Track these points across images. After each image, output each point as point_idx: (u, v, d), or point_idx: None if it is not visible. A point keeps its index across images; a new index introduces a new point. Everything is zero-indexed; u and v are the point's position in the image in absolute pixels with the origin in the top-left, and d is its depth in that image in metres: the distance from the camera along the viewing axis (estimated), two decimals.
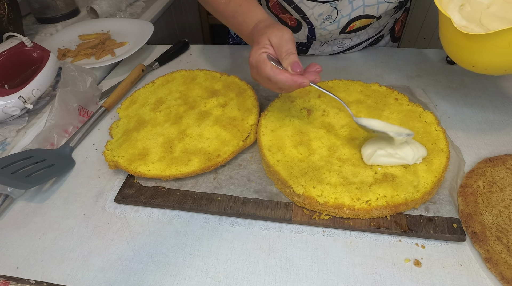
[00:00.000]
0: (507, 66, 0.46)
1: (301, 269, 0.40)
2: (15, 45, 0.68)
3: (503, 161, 0.49)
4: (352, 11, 0.62)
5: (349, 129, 0.52)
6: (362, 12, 0.63)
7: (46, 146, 0.58)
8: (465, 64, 0.49)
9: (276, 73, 0.44)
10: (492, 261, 0.38)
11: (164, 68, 0.81)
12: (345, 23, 0.65)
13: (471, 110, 0.61)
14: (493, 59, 0.45)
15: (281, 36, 0.46)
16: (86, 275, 0.41)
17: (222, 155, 0.51)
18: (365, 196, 0.43)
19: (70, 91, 0.62)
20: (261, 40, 0.47)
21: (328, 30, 0.67)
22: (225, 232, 0.45)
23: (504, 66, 0.46)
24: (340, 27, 0.66)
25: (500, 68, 0.47)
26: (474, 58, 0.47)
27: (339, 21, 0.65)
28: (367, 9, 0.62)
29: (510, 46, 0.42)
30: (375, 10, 0.62)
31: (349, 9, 0.62)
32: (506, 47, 0.42)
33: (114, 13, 1.07)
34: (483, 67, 0.47)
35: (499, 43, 0.42)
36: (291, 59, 0.45)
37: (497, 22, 0.47)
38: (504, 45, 0.42)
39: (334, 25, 0.66)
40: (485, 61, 0.46)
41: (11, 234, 0.47)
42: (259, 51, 0.46)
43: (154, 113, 0.60)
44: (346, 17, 0.64)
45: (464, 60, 0.49)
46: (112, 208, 0.49)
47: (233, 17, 0.55)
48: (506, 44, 0.42)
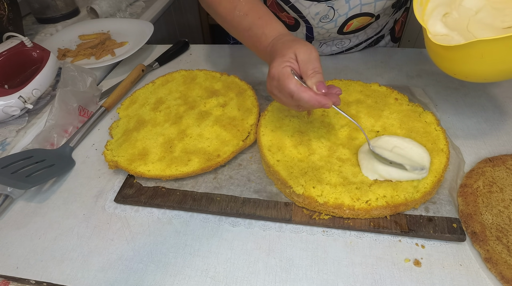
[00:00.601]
0: (486, 75, 0.46)
1: (301, 269, 0.40)
2: (15, 45, 0.68)
3: (503, 161, 0.49)
4: (349, 10, 0.63)
5: (349, 129, 0.52)
6: (359, 10, 0.63)
7: (46, 146, 0.58)
8: (447, 72, 0.49)
9: (300, 91, 0.42)
10: (492, 261, 0.38)
11: (164, 68, 0.81)
12: (343, 22, 0.65)
13: (471, 110, 0.61)
14: (469, 69, 0.45)
15: (309, 53, 0.44)
16: (86, 275, 0.41)
17: (222, 155, 0.51)
18: (365, 196, 0.43)
19: (70, 91, 0.62)
20: (286, 53, 0.45)
21: (326, 29, 0.67)
22: (225, 232, 0.45)
23: (482, 75, 0.46)
24: (338, 25, 0.66)
25: (479, 77, 0.47)
26: (453, 67, 0.47)
27: (336, 20, 0.65)
28: (364, 7, 0.62)
29: (483, 57, 0.42)
30: (372, 7, 0.62)
31: (346, 8, 0.62)
32: (479, 58, 0.42)
33: (114, 13, 1.07)
34: (464, 75, 0.47)
35: (472, 54, 0.42)
36: (317, 78, 0.43)
37: (484, 30, 0.46)
38: (478, 55, 0.42)
39: (331, 24, 0.66)
40: (463, 70, 0.46)
41: (11, 234, 0.47)
42: (284, 64, 0.44)
43: (154, 113, 0.60)
44: (343, 16, 0.64)
45: (445, 68, 0.49)
46: (112, 208, 0.49)
47: (250, 30, 0.52)
48: (479, 55, 0.42)
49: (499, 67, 0.43)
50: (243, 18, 0.53)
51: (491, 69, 0.44)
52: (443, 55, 0.46)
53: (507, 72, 0.44)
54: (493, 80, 0.48)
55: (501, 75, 0.45)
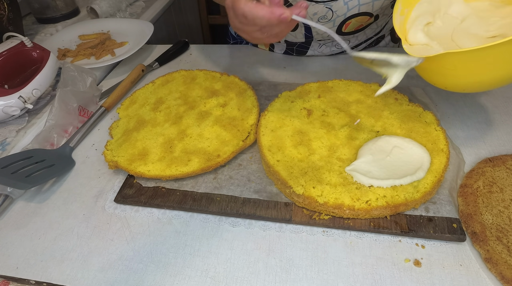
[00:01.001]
0: (463, 86, 0.45)
1: (301, 269, 0.40)
2: (15, 45, 0.68)
3: (503, 161, 0.49)
4: (347, 11, 0.63)
5: (349, 129, 0.52)
6: (357, 10, 0.63)
7: (46, 146, 0.58)
8: (428, 81, 0.49)
9: (251, 8, 0.39)
10: (492, 261, 0.38)
11: (164, 68, 0.81)
12: (340, 22, 0.65)
13: (471, 110, 0.61)
14: (445, 80, 0.45)
15: None
16: (86, 275, 0.41)
17: (222, 155, 0.51)
18: (365, 196, 0.43)
19: (70, 91, 0.62)
20: None
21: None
22: (225, 232, 0.45)
23: (461, 86, 0.45)
24: (336, 25, 0.66)
25: (456, 87, 0.46)
26: (430, 77, 0.47)
27: (334, 20, 0.65)
28: (362, 7, 0.62)
29: (456, 68, 0.41)
30: (370, 7, 0.62)
31: (344, 9, 0.62)
32: (453, 69, 0.42)
33: (114, 13, 1.07)
34: (443, 86, 0.47)
35: (445, 65, 0.42)
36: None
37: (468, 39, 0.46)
38: (450, 67, 0.42)
39: (329, 24, 0.66)
40: (439, 81, 0.46)
41: (11, 234, 0.47)
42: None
43: (154, 113, 0.60)
44: (342, 16, 0.64)
45: (425, 77, 0.48)
46: (112, 208, 0.49)
47: None
48: (452, 67, 0.42)
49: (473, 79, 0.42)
50: None
51: (466, 81, 0.43)
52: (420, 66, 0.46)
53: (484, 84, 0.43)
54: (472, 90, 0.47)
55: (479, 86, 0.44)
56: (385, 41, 0.82)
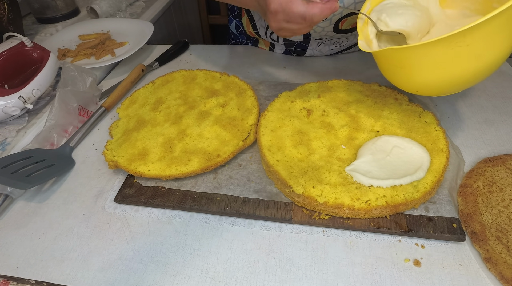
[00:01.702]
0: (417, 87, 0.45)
1: (301, 269, 0.40)
2: (15, 45, 0.68)
3: (502, 161, 0.49)
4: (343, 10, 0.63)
5: (349, 129, 0.52)
6: (353, 8, 0.63)
7: (46, 146, 0.58)
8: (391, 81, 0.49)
9: (309, 8, 0.44)
10: (492, 261, 0.38)
11: (164, 68, 0.81)
12: (337, 20, 0.65)
13: (471, 110, 0.61)
14: (395, 78, 0.46)
15: None
16: (86, 275, 0.41)
17: (222, 155, 0.51)
18: (364, 196, 0.43)
19: (70, 91, 0.62)
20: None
21: (321, 27, 0.67)
22: (225, 232, 0.45)
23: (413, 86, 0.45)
24: (332, 23, 0.66)
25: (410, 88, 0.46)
26: (386, 74, 0.48)
27: (330, 18, 0.65)
28: (359, 6, 0.62)
29: (404, 67, 0.42)
30: None
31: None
32: (400, 67, 0.43)
33: (114, 13, 1.07)
34: (399, 86, 0.48)
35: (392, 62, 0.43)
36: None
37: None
38: (398, 65, 0.43)
39: (326, 22, 0.66)
40: (391, 78, 0.47)
41: (11, 234, 0.47)
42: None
43: (154, 113, 0.60)
44: (338, 15, 0.64)
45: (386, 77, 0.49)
46: (112, 208, 0.49)
47: None
48: (398, 64, 0.43)
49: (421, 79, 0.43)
50: None
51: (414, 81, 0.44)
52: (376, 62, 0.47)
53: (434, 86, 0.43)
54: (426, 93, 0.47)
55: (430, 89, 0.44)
56: None
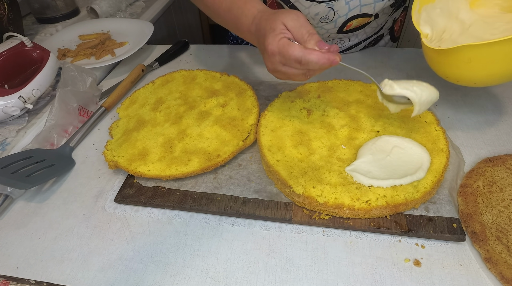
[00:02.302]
0: (475, 79, 0.48)
1: (301, 269, 0.40)
2: (15, 45, 0.68)
3: (503, 161, 0.49)
4: (348, 11, 0.63)
5: (349, 129, 0.52)
6: (359, 11, 0.63)
7: (46, 146, 0.58)
8: (441, 75, 0.51)
9: (306, 53, 0.42)
10: (492, 261, 0.38)
11: (164, 68, 0.81)
12: (342, 23, 0.65)
13: (471, 110, 0.61)
14: (459, 73, 0.48)
15: (297, 18, 0.44)
16: (86, 275, 0.41)
17: (222, 155, 0.51)
18: (365, 196, 0.43)
19: (70, 91, 0.62)
20: (275, 26, 0.44)
21: (325, 29, 0.67)
22: (225, 232, 0.45)
23: (472, 79, 0.48)
24: (337, 26, 0.66)
25: (468, 81, 0.49)
26: (444, 70, 0.49)
27: (335, 21, 0.65)
28: (364, 8, 0.62)
29: (471, 61, 0.44)
30: (371, 8, 0.62)
31: (345, 9, 0.62)
32: (467, 62, 0.44)
33: (114, 13, 1.07)
34: (455, 79, 0.49)
35: (460, 58, 0.45)
36: (315, 38, 0.43)
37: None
38: (465, 60, 0.44)
39: (331, 25, 0.66)
40: (453, 73, 0.49)
41: (11, 234, 0.47)
42: (278, 37, 0.43)
43: (154, 113, 0.60)
44: (343, 17, 0.64)
45: (438, 71, 0.51)
46: (112, 208, 0.49)
47: (229, 12, 0.51)
48: (466, 59, 0.44)
49: (486, 72, 0.45)
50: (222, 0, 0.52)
51: (479, 74, 0.46)
52: (435, 59, 0.49)
53: (495, 77, 0.46)
54: (483, 84, 0.50)
55: (490, 80, 0.47)
56: (384, 41, 0.82)
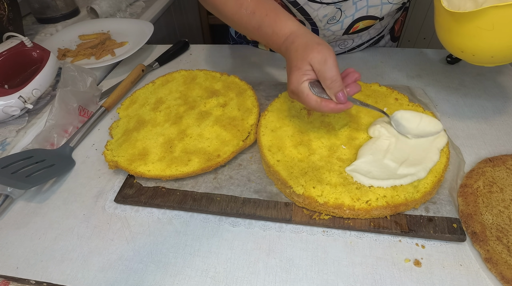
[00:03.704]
0: (494, 51, 0.44)
1: (301, 269, 0.40)
2: (15, 45, 0.68)
3: (503, 161, 0.49)
4: (355, 12, 0.63)
5: (349, 129, 0.52)
6: (365, 12, 0.63)
7: (46, 146, 0.58)
8: (455, 50, 0.48)
9: (321, 106, 0.44)
10: (492, 261, 0.38)
11: (164, 68, 0.81)
12: (349, 24, 0.65)
13: (471, 110, 0.61)
14: (478, 43, 0.44)
15: (324, 61, 0.43)
16: (86, 275, 0.41)
17: (222, 155, 0.51)
18: (365, 196, 0.43)
19: (70, 91, 0.62)
20: (301, 66, 0.44)
21: (332, 31, 0.67)
22: (225, 232, 0.45)
23: (491, 51, 0.44)
24: (344, 27, 0.66)
25: (486, 53, 0.45)
26: (461, 41, 0.46)
27: (342, 21, 0.65)
28: (371, 10, 0.62)
29: (495, 28, 0.41)
30: (378, 11, 0.62)
31: (353, 9, 0.62)
32: (490, 29, 0.41)
33: (114, 13, 1.07)
34: (471, 52, 0.46)
35: (482, 24, 0.41)
36: (335, 88, 0.43)
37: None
38: (488, 26, 0.41)
39: (337, 26, 0.66)
40: (472, 44, 0.45)
41: (11, 234, 0.47)
42: (301, 79, 0.44)
43: (154, 113, 0.60)
44: (350, 17, 0.64)
45: (453, 44, 0.48)
46: (112, 208, 0.49)
47: (259, 29, 0.50)
48: (490, 25, 0.41)
49: (508, 42, 0.42)
50: (251, 16, 0.51)
51: (501, 44, 0.43)
52: (451, 27, 0.45)
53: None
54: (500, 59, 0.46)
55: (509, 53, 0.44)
56: (384, 40, 0.82)
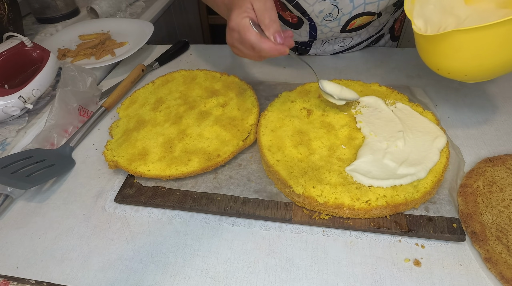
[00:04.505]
0: (466, 71, 0.45)
1: (301, 269, 0.40)
2: (15, 45, 0.68)
3: (503, 161, 0.49)
4: (353, 9, 0.63)
5: (349, 129, 0.52)
6: (363, 9, 0.63)
7: (46, 146, 0.58)
8: (432, 67, 0.49)
9: (261, 42, 0.45)
10: (492, 261, 0.38)
11: (164, 68, 0.81)
12: (346, 21, 0.65)
13: (471, 110, 0.61)
14: (449, 63, 0.46)
15: (264, 2, 0.46)
16: (86, 274, 0.41)
17: (222, 155, 0.51)
18: (365, 196, 0.43)
19: (70, 91, 0.62)
20: (242, 4, 0.47)
21: (329, 27, 0.67)
22: (225, 232, 0.45)
23: (463, 70, 0.46)
24: (341, 24, 0.66)
25: (460, 73, 0.47)
26: (435, 60, 0.48)
27: (340, 19, 0.65)
28: (368, 7, 0.62)
29: (461, 49, 0.42)
30: (375, 7, 0.62)
31: (350, 7, 0.62)
32: (457, 51, 0.43)
33: (114, 13, 1.07)
34: (446, 71, 0.48)
35: (450, 45, 0.43)
36: (274, 28, 0.46)
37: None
38: (455, 48, 0.43)
39: (335, 23, 0.66)
40: (444, 64, 0.47)
41: (11, 234, 0.47)
42: (242, 15, 0.46)
43: (154, 113, 0.60)
44: (347, 15, 0.64)
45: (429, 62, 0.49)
46: (112, 208, 0.49)
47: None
48: (456, 47, 0.43)
49: (476, 62, 0.43)
50: None
51: (469, 64, 0.44)
52: (425, 48, 0.47)
53: (486, 68, 0.44)
54: (475, 77, 0.48)
55: (481, 72, 0.45)
56: (384, 40, 0.82)
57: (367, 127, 0.51)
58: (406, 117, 0.53)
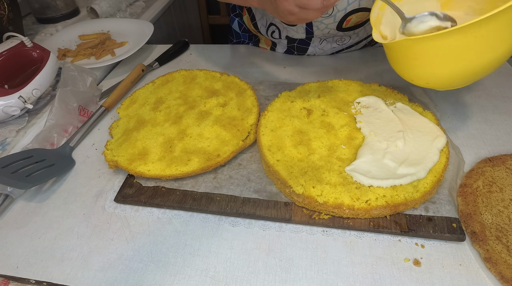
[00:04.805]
0: (426, 79, 0.45)
1: (301, 269, 0.40)
2: (15, 45, 0.68)
3: (502, 161, 0.49)
4: (348, 5, 0.63)
5: (349, 129, 0.52)
6: (358, 5, 0.63)
7: (46, 146, 0.58)
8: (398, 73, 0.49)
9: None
10: (492, 261, 0.38)
11: (164, 68, 0.81)
12: (341, 17, 0.65)
13: (471, 110, 0.61)
14: (408, 71, 0.46)
15: None
16: (86, 274, 0.41)
17: (222, 155, 0.51)
18: (364, 196, 0.43)
19: (70, 91, 0.62)
20: None
21: (325, 24, 0.67)
22: (225, 232, 0.45)
23: (423, 78, 0.45)
24: (337, 21, 0.66)
25: (420, 80, 0.46)
26: (396, 67, 0.48)
27: (335, 15, 0.65)
28: (363, 2, 0.62)
29: (417, 58, 0.42)
30: (370, 2, 0.62)
31: (344, 3, 0.62)
32: (414, 59, 0.43)
33: (114, 13, 1.07)
34: (409, 78, 0.48)
35: (406, 53, 0.43)
36: None
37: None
38: (412, 56, 0.43)
39: (330, 19, 0.66)
40: (404, 71, 0.47)
41: (11, 234, 0.47)
42: None
43: (154, 113, 0.60)
44: (342, 11, 0.64)
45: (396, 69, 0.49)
46: (112, 208, 0.49)
47: None
48: (412, 55, 0.43)
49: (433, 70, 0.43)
50: None
51: (427, 72, 0.44)
52: (388, 54, 0.48)
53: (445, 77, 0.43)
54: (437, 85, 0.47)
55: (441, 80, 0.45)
56: None
57: (367, 127, 0.51)
58: (406, 117, 0.53)
